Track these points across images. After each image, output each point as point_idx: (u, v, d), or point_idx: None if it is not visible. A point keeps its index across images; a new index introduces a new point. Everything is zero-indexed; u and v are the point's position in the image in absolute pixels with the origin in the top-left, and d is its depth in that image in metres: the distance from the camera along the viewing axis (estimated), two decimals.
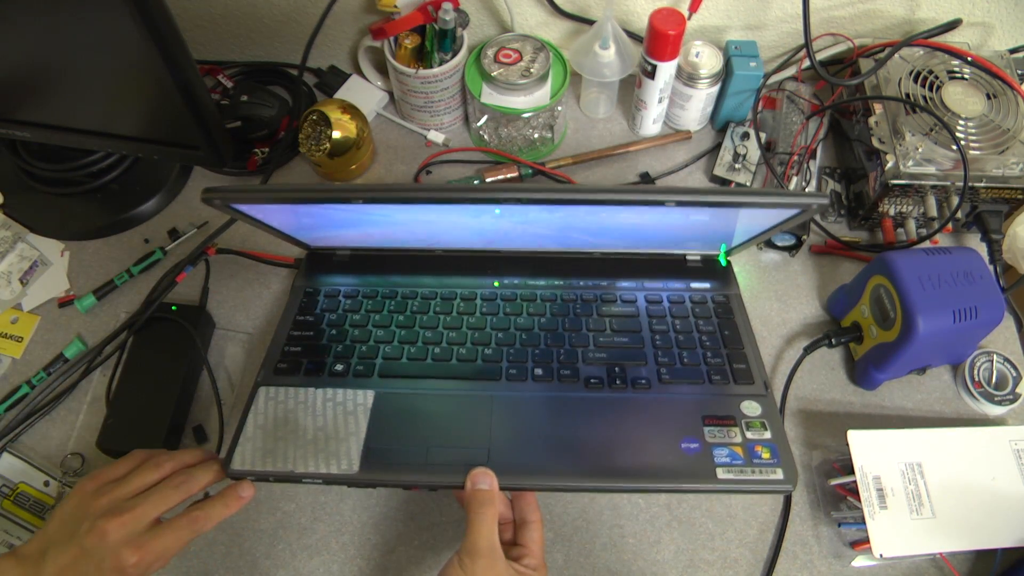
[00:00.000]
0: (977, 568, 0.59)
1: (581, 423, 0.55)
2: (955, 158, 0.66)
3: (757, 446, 0.53)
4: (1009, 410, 0.65)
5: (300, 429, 0.54)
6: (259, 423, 0.55)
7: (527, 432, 0.54)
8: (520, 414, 0.55)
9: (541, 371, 0.58)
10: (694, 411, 0.55)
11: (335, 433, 0.53)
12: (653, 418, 0.55)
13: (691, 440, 0.53)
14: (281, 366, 0.59)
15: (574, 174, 0.78)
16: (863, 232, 0.75)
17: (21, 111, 0.69)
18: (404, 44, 0.74)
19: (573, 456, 0.53)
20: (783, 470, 0.52)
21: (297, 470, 0.52)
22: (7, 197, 0.76)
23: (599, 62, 0.74)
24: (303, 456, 0.52)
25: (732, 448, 0.53)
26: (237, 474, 0.52)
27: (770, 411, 0.56)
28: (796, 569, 0.59)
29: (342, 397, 0.56)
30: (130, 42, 0.56)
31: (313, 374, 0.59)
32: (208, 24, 0.83)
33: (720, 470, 0.51)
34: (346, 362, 0.59)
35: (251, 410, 0.56)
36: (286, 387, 0.57)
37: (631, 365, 0.59)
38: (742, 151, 0.76)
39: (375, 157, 0.80)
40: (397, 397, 0.56)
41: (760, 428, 0.54)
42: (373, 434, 0.53)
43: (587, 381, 0.58)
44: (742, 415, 0.55)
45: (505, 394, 0.57)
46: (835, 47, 0.79)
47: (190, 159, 0.76)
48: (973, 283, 0.59)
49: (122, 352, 0.67)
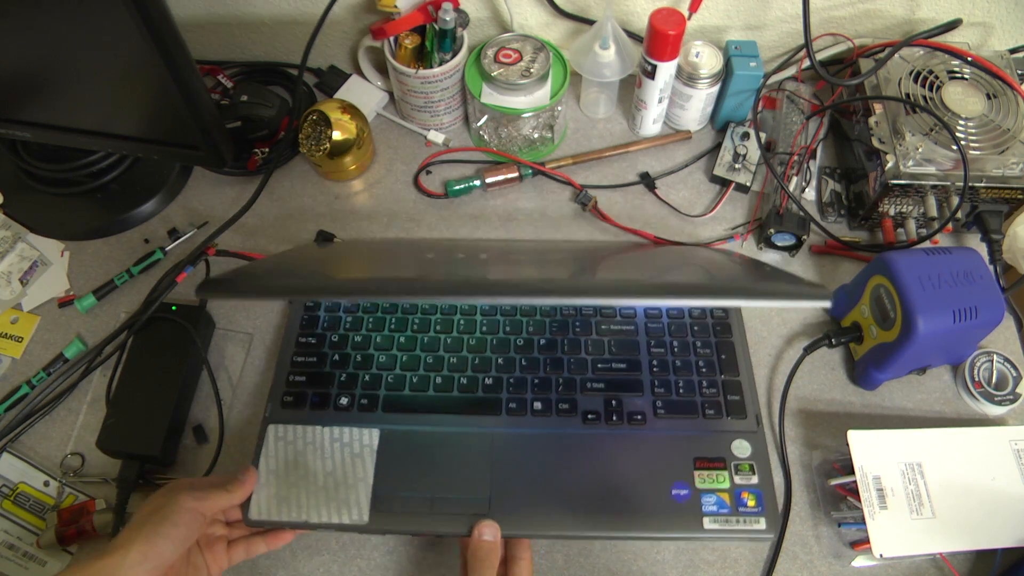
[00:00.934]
0: (977, 568, 0.59)
1: (577, 466, 0.58)
2: (955, 158, 0.66)
3: (744, 492, 0.56)
4: (1009, 410, 0.65)
5: (311, 475, 0.57)
6: (271, 467, 0.58)
7: (526, 478, 0.57)
8: (519, 456, 0.58)
9: (540, 405, 0.61)
10: (686, 451, 0.58)
11: (344, 479, 0.57)
12: (647, 459, 0.58)
13: (682, 486, 0.57)
14: (287, 399, 0.61)
15: (574, 174, 0.78)
16: (863, 232, 0.75)
17: (21, 111, 0.69)
18: (404, 44, 0.74)
19: (569, 504, 0.56)
20: (766, 519, 0.55)
21: (312, 520, 0.55)
22: (7, 197, 0.76)
23: (599, 62, 0.74)
24: (316, 505, 0.56)
25: (720, 495, 0.56)
26: (255, 523, 0.55)
27: (759, 451, 0.59)
28: (796, 569, 0.59)
29: (348, 437, 0.59)
30: (130, 42, 0.56)
31: (319, 407, 0.61)
32: (208, 24, 0.83)
33: (707, 519, 0.55)
34: (350, 394, 0.62)
35: (262, 452, 0.59)
36: (294, 425, 0.60)
37: (628, 396, 0.61)
38: (742, 151, 0.76)
39: (375, 157, 0.80)
40: (401, 436, 0.59)
41: (748, 472, 0.57)
42: (380, 479, 0.57)
43: (584, 416, 0.60)
44: (732, 456, 0.58)
45: (505, 431, 0.60)
46: (835, 47, 0.79)
47: (190, 159, 0.76)
48: (973, 283, 0.59)
49: (122, 352, 0.67)
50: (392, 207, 0.77)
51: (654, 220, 0.76)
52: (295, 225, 0.76)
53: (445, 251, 0.66)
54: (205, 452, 0.65)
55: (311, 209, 0.77)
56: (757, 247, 0.74)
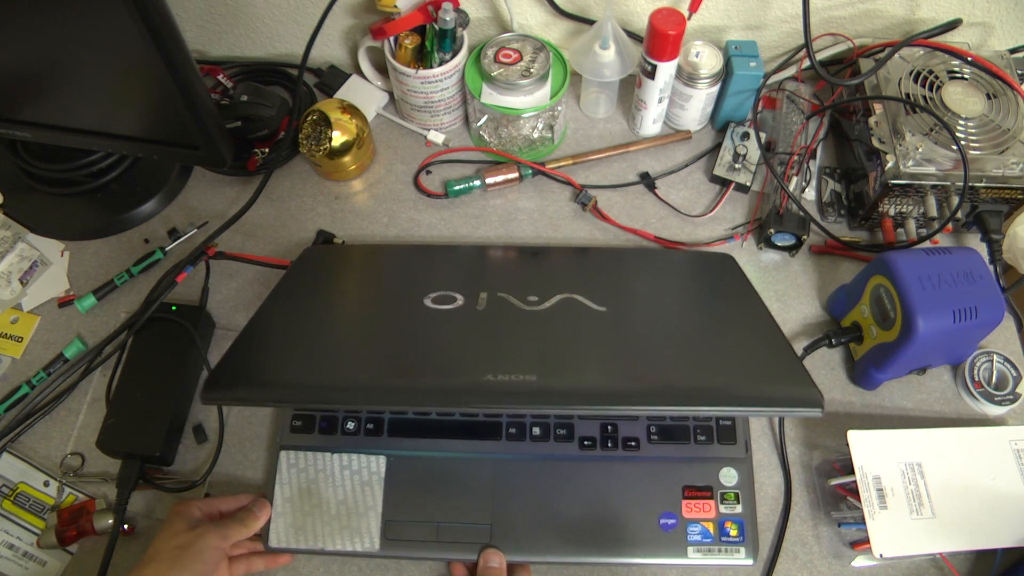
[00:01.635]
0: (977, 568, 0.59)
1: (573, 493, 0.60)
2: (955, 158, 0.66)
3: (727, 522, 0.59)
4: (1009, 410, 0.65)
5: (324, 503, 0.60)
6: (286, 495, 0.60)
7: (524, 504, 0.60)
8: (518, 481, 0.61)
9: (539, 430, 0.63)
10: (676, 479, 0.61)
11: (355, 508, 0.60)
12: (638, 486, 0.60)
13: (669, 516, 0.59)
14: (296, 424, 0.63)
15: (574, 174, 0.78)
16: (863, 232, 0.75)
17: (21, 111, 0.69)
18: (404, 44, 0.74)
19: (564, 530, 0.59)
20: (745, 548, 0.58)
21: (327, 548, 0.59)
22: (7, 197, 0.76)
23: (599, 62, 0.74)
24: (330, 534, 0.59)
25: (704, 525, 0.59)
26: (274, 550, 0.59)
27: (745, 479, 0.61)
28: (796, 569, 0.59)
29: (357, 464, 0.61)
30: (130, 42, 0.56)
31: (327, 432, 0.63)
32: (208, 24, 0.83)
33: (691, 549, 0.58)
34: (356, 418, 0.63)
35: (277, 480, 0.61)
36: (304, 451, 0.62)
37: (623, 421, 0.63)
38: (742, 151, 0.76)
39: (375, 157, 0.80)
40: (407, 462, 0.61)
41: (733, 501, 0.60)
42: (389, 506, 0.60)
43: (581, 443, 0.62)
44: (720, 485, 0.60)
45: (505, 456, 0.62)
46: (835, 47, 0.79)
47: (190, 159, 0.76)
48: (973, 283, 0.59)
49: (122, 352, 0.67)
50: (392, 207, 0.77)
51: (654, 220, 0.76)
52: (295, 225, 0.76)
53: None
54: (205, 452, 0.65)
55: (311, 209, 0.77)
56: (757, 247, 0.74)
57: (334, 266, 0.70)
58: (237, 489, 0.63)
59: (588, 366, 0.56)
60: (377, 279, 0.69)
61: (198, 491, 0.63)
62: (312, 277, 0.67)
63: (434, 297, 0.61)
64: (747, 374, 0.55)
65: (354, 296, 0.68)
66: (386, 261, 0.71)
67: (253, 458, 0.64)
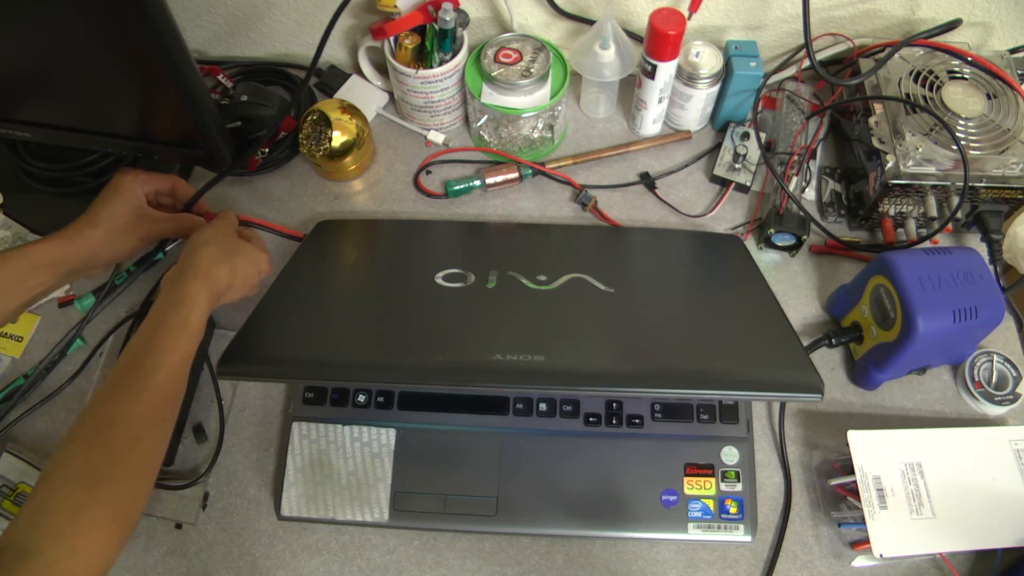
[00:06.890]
0: (977, 568, 0.59)
1: (577, 467, 0.61)
2: (955, 158, 0.66)
3: (728, 500, 0.60)
4: (1009, 410, 0.65)
5: (335, 474, 0.61)
6: (298, 466, 0.62)
7: (529, 478, 0.61)
8: (524, 456, 0.61)
9: (545, 406, 0.63)
10: (678, 456, 0.61)
11: (366, 479, 0.61)
12: (641, 462, 0.61)
13: (671, 492, 0.60)
14: (308, 395, 0.64)
15: (574, 174, 0.78)
16: (863, 232, 0.75)
17: (21, 111, 0.69)
18: (404, 44, 0.74)
19: (568, 504, 0.60)
20: (744, 525, 0.59)
21: (338, 518, 0.60)
22: (7, 197, 0.76)
23: (599, 62, 0.74)
24: (341, 504, 0.60)
25: (705, 502, 0.60)
26: (287, 519, 0.60)
27: (746, 458, 0.61)
28: (796, 569, 0.59)
29: (367, 436, 0.62)
30: (130, 42, 0.56)
31: (339, 404, 0.64)
32: (208, 24, 0.83)
33: (691, 525, 0.59)
34: (367, 391, 0.64)
35: (289, 450, 0.62)
36: (316, 423, 0.63)
37: (628, 399, 0.63)
38: (742, 151, 0.76)
39: (375, 157, 0.80)
40: (416, 435, 0.62)
41: (734, 479, 0.61)
42: (398, 478, 0.61)
43: (586, 419, 0.63)
44: (721, 463, 0.61)
45: (511, 430, 0.63)
46: (835, 47, 0.79)
47: (190, 159, 0.76)
48: (973, 283, 0.59)
49: (122, 351, 0.66)
50: (392, 207, 0.77)
51: (654, 220, 0.76)
52: (295, 225, 0.76)
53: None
54: (205, 451, 0.65)
55: (311, 209, 0.77)
56: (757, 247, 0.74)
57: (347, 239, 0.72)
58: (238, 489, 0.63)
59: (595, 348, 0.57)
60: (389, 254, 0.70)
61: (198, 490, 0.63)
62: (325, 251, 0.69)
63: (445, 275, 0.62)
64: (750, 358, 0.55)
65: (366, 271, 0.69)
66: (398, 236, 0.72)
67: (254, 458, 0.64)
